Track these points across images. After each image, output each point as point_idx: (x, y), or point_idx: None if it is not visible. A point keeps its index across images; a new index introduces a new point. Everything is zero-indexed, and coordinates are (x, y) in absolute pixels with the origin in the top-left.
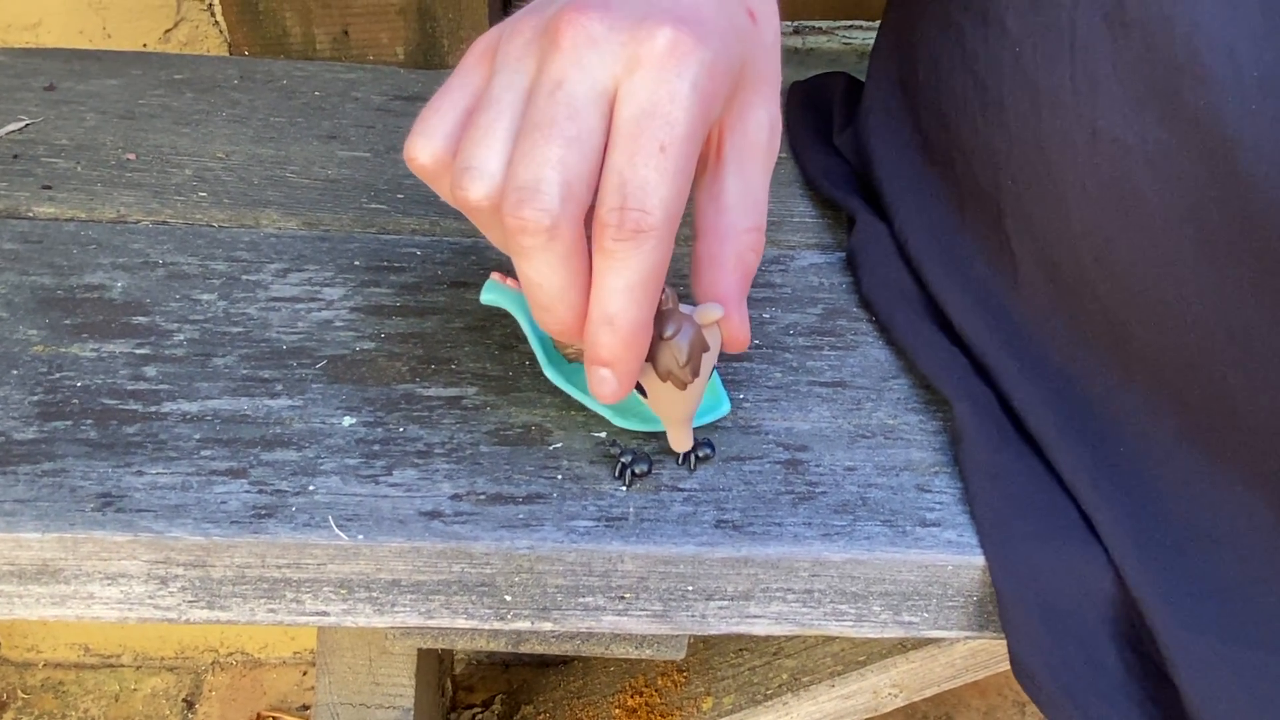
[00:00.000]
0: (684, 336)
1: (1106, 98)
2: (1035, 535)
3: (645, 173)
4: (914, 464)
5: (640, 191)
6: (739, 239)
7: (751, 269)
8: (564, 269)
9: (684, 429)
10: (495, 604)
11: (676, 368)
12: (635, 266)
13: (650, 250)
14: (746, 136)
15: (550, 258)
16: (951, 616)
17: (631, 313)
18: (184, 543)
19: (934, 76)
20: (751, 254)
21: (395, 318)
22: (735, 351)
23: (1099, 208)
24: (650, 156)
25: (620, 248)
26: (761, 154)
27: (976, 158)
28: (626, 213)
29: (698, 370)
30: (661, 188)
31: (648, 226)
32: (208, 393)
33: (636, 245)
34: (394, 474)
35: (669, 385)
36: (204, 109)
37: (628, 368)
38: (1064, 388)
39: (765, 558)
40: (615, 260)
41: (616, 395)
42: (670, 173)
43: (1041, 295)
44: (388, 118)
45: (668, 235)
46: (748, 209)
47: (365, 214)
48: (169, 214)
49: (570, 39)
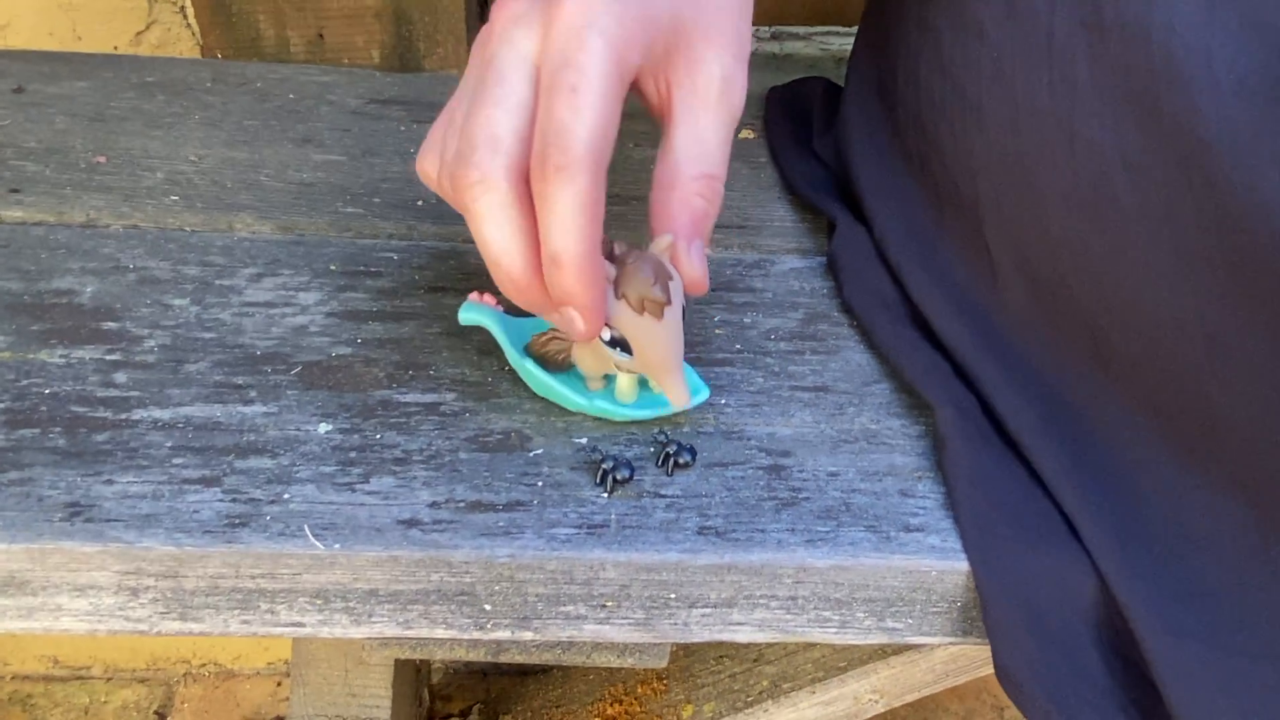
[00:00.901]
0: (643, 259)
1: (1084, 103)
2: (1019, 540)
3: (560, 114)
4: (897, 469)
5: (556, 133)
6: (685, 185)
7: (702, 214)
8: (504, 220)
9: (677, 377)
10: (475, 613)
11: (647, 287)
12: (565, 201)
13: (574, 184)
14: (695, 90)
15: (489, 209)
16: (935, 622)
17: (573, 246)
18: (155, 553)
19: (912, 82)
20: (699, 199)
21: (372, 323)
22: (694, 293)
23: (1077, 213)
24: (562, 100)
25: (548, 188)
26: (713, 104)
27: (955, 163)
28: (547, 153)
29: (668, 291)
30: (575, 125)
31: (567, 162)
32: (180, 399)
33: (560, 182)
34: (371, 482)
35: (648, 320)
36: (176, 112)
37: (587, 299)
38: (1045, 392)
39: (748, 564)
40: (547, 201)
41: (588, 332)
42: (582, 108)
43: (1021, 300)
44: (363, 121)
45: (592, 168)
46: (695, 157)
47: (341, 218)
48: (140, 218)
49: (500, 22)
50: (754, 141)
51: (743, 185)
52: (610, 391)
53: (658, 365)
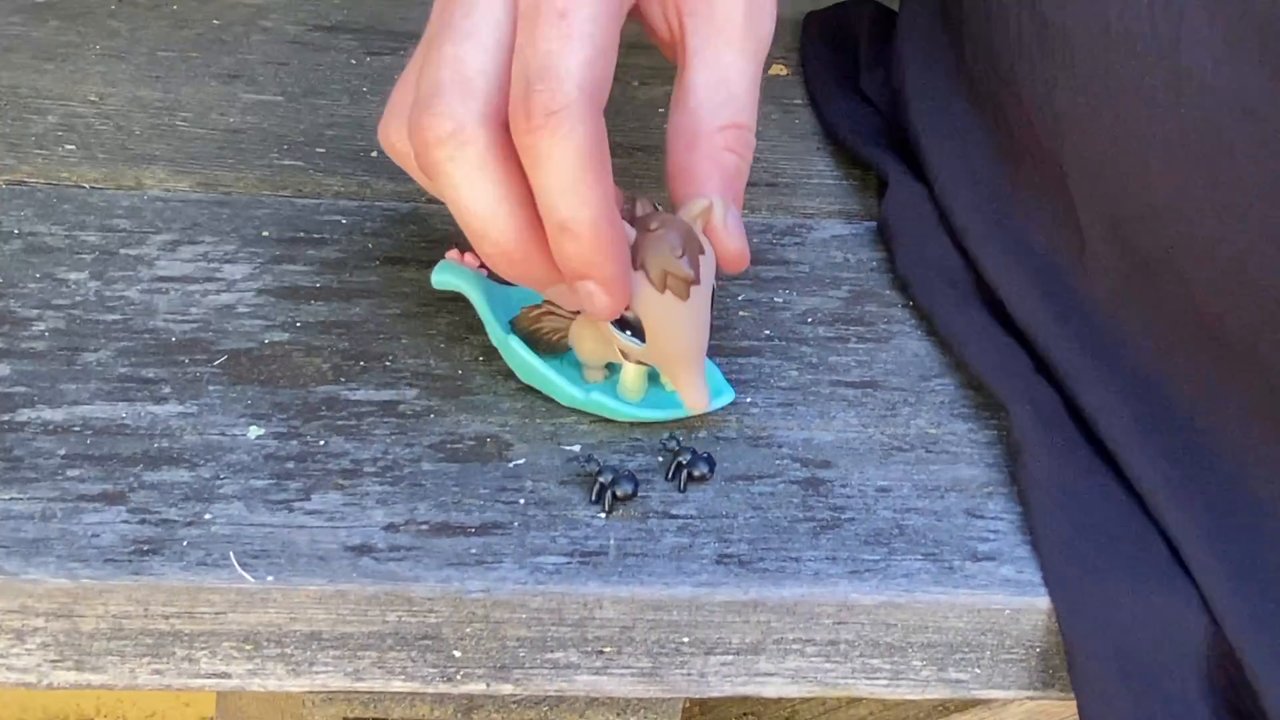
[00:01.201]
0: (672, 226)
1: (1193, 33)
2: (1112, 570)
3: (546, 45)
4: (962, 483)
5: (543, 69)
6: (711, 139)
7: (735, 171)
8: (484, 179)
9: (696, 374)
10: (441, 661)
11: (673, 261)
12: (564, 156)
13: (572, 132)
14: (714, 18)
15: (465, 169)
16: (1008, 672)
17: (584, 211)
18: (44, 586)
19: (983, 5)
20: (729, 154)
21: (314, 302)
22: (732, 269)
23: (1183, 168)
24: (550, 26)
25: (538, 139)
26: (738, 35)
27: (1034, 107)
28: (532, 95)
29: (697, 267)
30: (566, 56)
31: (559, 104)
32: (76, 396)
33: (553, 130)
34: (313, 499)
35: (669, 299)
36: (72, 41)
37: (609, 271)
38: (1144, 390)
39: (779, 601)
40: (539, 155)
41: (611, 308)
42: (575, 37)
43: (1115, 277)
44: (305, 53)
45: (590, 110)
46: (720, 104)
47: (276, 172)
48: (27, 171)
49: None
50: (787, 79)
51: (773, 133)
52: (612, 385)
53: (675, 357)
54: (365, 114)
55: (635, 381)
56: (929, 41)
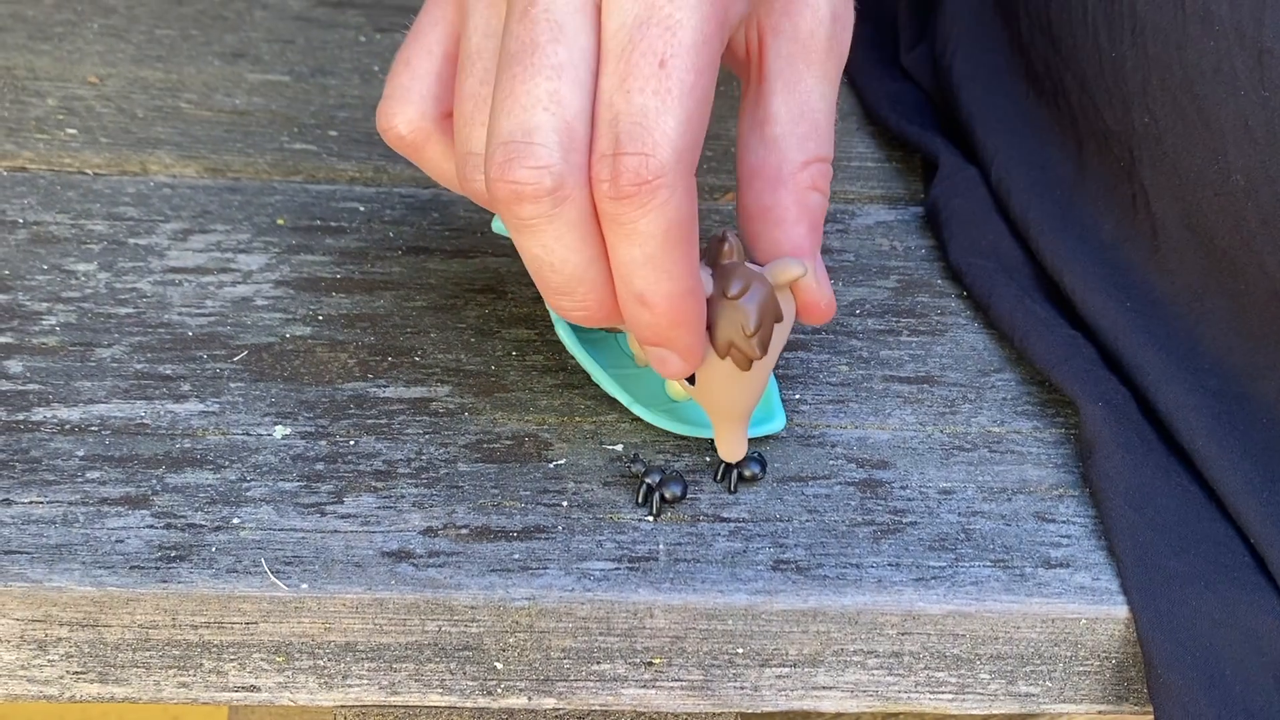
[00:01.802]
0: (752, 298)
1: (1276, 10)
2: (1194, 577)
3: (641, 100)
4: (1030, 485)
5: (637, 127)
6: (796, 179)
7: (819, 215)
8: (580, 241)
9: (738, 430)
10: (481, 674)
11: (742, 337)
12: (650, 229)
13: (664, 204)
14: (797, 36)
15: (561, 229)
16: (1082, 685)
17: (664, 286)
18: (69, 595)
19: None
20: (816, 194)
21: (336, 294)
22: (816, 323)
23: (1267, 155)
24: (647, 77)
25: (625, 208)
26: (820, 57)
27: (1099, 86)
28: (622, 160)
29: (767, 343)
30: (665, 116)
31: (653, 173)
32: (92, 394)
33: (642, 202)
34: (345, 502)
35: (728, 365)
36: (69, 19)
37: (685, 342)
38: (1223, 386)
39: (840, 610)
40: (623, 226)
41: (682, 373)
42: (676, 94)
43: (1191, 267)
44: (311, 29)
45: (683, 178)
46: (804, 136)
47: (287, 157)
48: (28, 157)
49: None
50: None
51: None
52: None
53: (719, 412)
54: (378, 95)
55: (680, 388)
56: (977, 16)
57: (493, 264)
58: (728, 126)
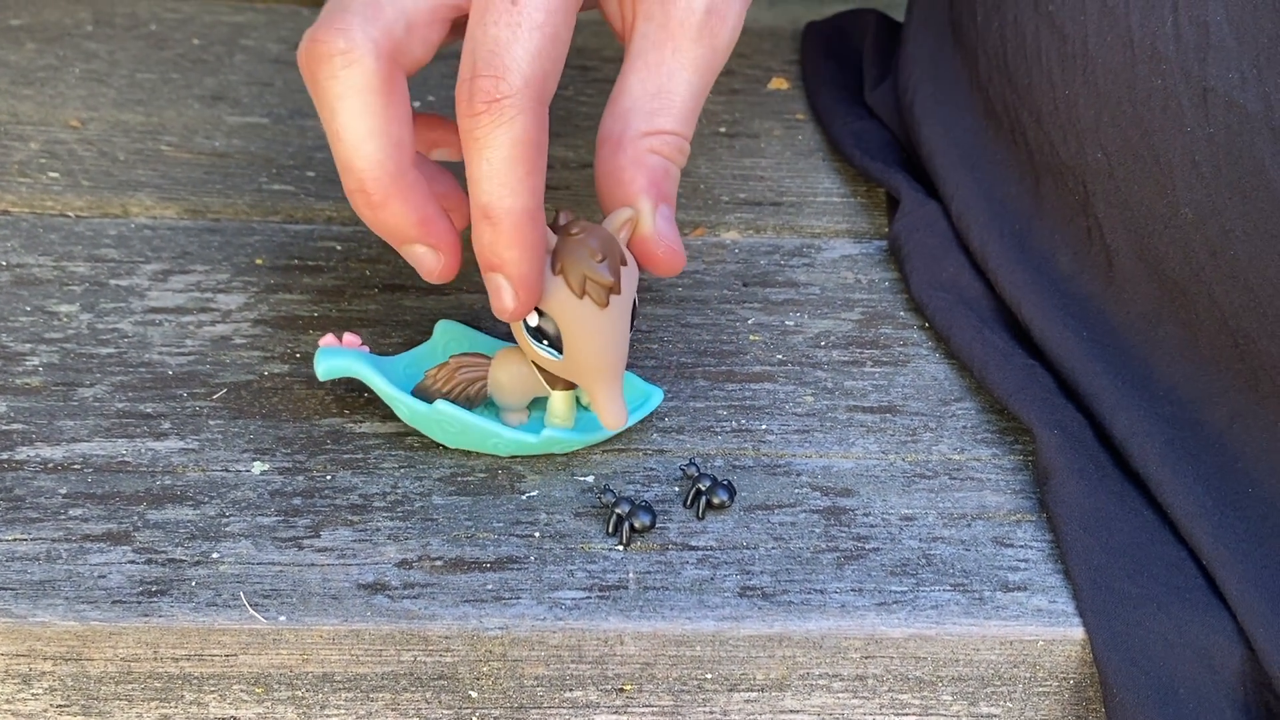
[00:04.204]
0: (593, 232)
1: (1219, 51)
2: (1147, 599)
3: (495, 31)
4: (989, 511)
5: (490, 54)
6: (636, 144)
7: (659, 174)
8: (362, 106)
9: (614, 390)
10: (456, 702)
11: (591, 265)
12: (499, 144)
13: (511, 122)
14: (667, 22)
15: (344, 89)
16: (1041, 705)
17: (506, 200)
18: (53, 629)
19: (997, 16)
20: (655, 157)
21: (313, 332)
22: (661, 273)
23: (1213, 189)
24: (500, 11)
25: (478, 124)
26: (687, 44)
27: (1054, 123)
28: (477, 81)
29: (617, 272)
30: (514, 46)
31: (502, 93)
32: (74, 433)
33: (494, 118)
34: (322, 535)
35: (588, 305)
36: (51, 64)
37: (521, 269)
38: (1175, 413)
39: (805, 635)
40: (475, 140)
41: (517, 309)
42: (525, 27)
43: (1143, 297)
44: (289, 72)
45: (532, 102)
46: (653, 112)
47: (266, 197)
48: (11, 201)
49: None
50: (788, 93)
51: (776, 150)
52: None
53: (591, 369)
54: None
55: (564, 407)
56: (938, 54)
57: (467, 300)
58: (697, 165)
